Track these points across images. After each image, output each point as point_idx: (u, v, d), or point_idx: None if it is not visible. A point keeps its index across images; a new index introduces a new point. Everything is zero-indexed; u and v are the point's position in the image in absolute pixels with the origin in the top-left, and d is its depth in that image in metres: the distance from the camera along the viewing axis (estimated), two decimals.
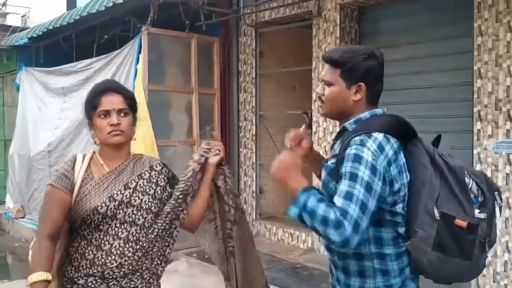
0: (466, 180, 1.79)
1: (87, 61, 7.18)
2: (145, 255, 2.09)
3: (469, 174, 1.81)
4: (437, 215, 1.73)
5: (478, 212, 1.77)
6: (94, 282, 2.04)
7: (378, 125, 1.81)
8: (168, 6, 6.28)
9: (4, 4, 14.54)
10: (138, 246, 2.07)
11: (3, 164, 9.62)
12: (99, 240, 2.04)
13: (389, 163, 1.74)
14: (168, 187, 2.20)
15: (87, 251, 2.04)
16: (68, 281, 2.07)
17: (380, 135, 1.76)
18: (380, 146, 1.74)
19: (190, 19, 6.44)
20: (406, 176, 1.80)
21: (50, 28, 7.77)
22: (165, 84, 6.70)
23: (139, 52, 6.16)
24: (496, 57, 4.42)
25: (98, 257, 2.03)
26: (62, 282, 2.10)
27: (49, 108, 7.90)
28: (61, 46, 8.11)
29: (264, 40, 6.99)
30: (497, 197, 1.83)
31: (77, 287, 2.05)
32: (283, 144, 2.15)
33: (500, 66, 4.40)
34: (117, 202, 2.05)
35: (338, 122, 2.00)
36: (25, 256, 2.30)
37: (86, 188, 2.07)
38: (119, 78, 6.29)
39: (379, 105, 1.95)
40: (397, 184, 1.76)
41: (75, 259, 2.06)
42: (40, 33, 8.06)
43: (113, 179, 2.10)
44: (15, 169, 8.66)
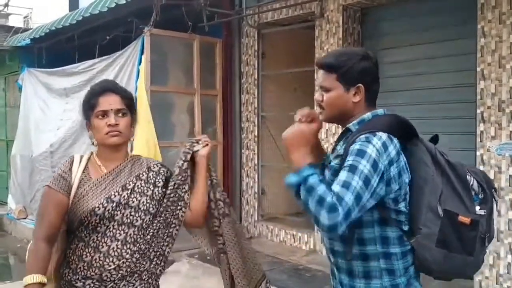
0: (468, 178, 1.82)
1: (90, 62, 7.18)
2: (143, 257, 2.07)
3: (470, 172, 1.84)
4: (441, 212, 1.75)
5: (479, 209, 1.80)
6: (92, 285, 2.02)
7: (381, 125, 1.82)
8: (171, 7, 6.28)
9: (6, 5, 14.53)
10: (136, 248, 2.05)
11: (5, 165, 9.64)
12: (97, 242, 2.02)
13: (390, 163, 1.75)
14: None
15: (85, 253, 2.02)
16: (66, 284, 2.05)
17: (384, 135, 1.77)
18: (384, 145, 1.75)
19: (193, 20, 6.43)
20: (408, 176, 1.81)
21: (53, 29, 7.77)
22: (168, 85, 6.72)
23: (142, 53, 6.16)
24: (500, 59, 4.41)
25: (96, 259, 2.01)
26: (60, 285, 2.08)
27: (52, 109, 7.90)
28: (64, 47, 8.13)
29: (267, 41, 6.98)
30: (495, 194, 1.86)
31: None
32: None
33: (504, 68, 4.39)
34: (115, 204, 2.03)
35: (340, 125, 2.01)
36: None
37: (84, 189, 2.05)
38: (122, 79, 6.30)
39: (384, 106, 1.95)
40: (395, 184, 1.76)
41: (73, 262, 2.04)
42: (43, 34, 8.05)
43: (111, 180, 2.08)
44: (17, 170, 8.66)
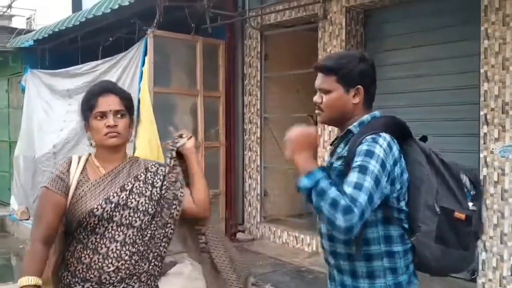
0: (461, 176, 1.88)
1: (93, 63, 7.19)
2: (142, 258, 2.06)
3: (462, 170, 1.90)
4: (438, 210, 1.80)
5: (472, 205, 1.86)
6: None
7: (382, 127, 1.84)
8: (174, 9, 6.28)
9: (10, 7, 14.57)
10: (135, 249, 2.03)
11: (8, 166, 9.65)
12: (96, 244, 2.01)
13: (395, 163, 1.78)
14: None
15: (83, 255, 2.01)
16: (65, 287, 2.04)
17: (388, 136, 1.80)
18: (389, 146, 1.78)
19: (196, 22, 6.44)
20: (407, 176, 1.85)
21: (56, 31, 7.77)
22: (171, 87, 6.73)
23: (145, 55, 6.16)
24: (503, 60, 4.39)
25: (95, 261, 1.99)
26: None
27: (55, 110, 7.91)
28: (67, 48, 8.14)
29: (270, 43, 6.98)
30: (482, 190, 1.93)
31: None
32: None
33: (507, 70, 4.37)
34: (114, 205, 2.02)
35: (338, 128, 2.02)
36: None
37: (82, 190, 2.04)
38: (125, 80, 6.31)
39: (387, 108, 1.96)
40: (398, 183, 1.80)
41: (71, 264, 2.03)
42: (46, 36, 8.06)
43: (110, 181, 2.07)
44: (20, 171, 8.67)
